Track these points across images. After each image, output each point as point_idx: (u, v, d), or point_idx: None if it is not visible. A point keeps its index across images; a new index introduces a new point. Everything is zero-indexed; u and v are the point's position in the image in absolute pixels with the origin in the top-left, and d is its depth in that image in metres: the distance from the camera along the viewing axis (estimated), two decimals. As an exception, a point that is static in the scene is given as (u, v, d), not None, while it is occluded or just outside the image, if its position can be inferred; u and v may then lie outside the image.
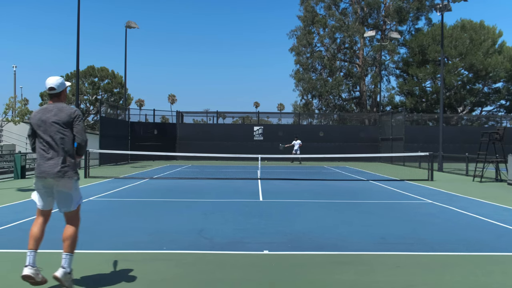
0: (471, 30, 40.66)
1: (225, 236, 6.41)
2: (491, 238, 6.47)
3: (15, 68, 47.31)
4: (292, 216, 8.20)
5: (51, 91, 4.20)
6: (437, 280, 4.47)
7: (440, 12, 21.55)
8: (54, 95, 4.23)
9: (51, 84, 4.17)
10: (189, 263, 5.02)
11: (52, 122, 4.08)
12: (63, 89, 4.26)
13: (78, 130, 4.14)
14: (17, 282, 4.34)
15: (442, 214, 8.67)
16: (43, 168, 4.10)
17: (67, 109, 4.16)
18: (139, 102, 76.50)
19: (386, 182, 15.51)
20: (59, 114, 4.10)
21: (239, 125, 35.54)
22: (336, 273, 4.68)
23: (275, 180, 15.87)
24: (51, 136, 4.09)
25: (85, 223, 7.42)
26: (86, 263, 4.97)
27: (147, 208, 9.11)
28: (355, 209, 9.18)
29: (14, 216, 7.90)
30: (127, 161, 27.86)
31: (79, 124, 4.15)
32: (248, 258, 5.26)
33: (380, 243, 6.09)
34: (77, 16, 22.05)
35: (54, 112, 4.11)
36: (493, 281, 4.48)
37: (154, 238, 6.24)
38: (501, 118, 38.74)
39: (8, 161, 18.58)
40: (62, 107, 4.17)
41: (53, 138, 4.09)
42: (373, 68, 45.20)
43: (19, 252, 5.47)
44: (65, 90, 4.29)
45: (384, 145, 30.66)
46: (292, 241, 6.16)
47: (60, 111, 4.12)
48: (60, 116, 4.10)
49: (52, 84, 4.18)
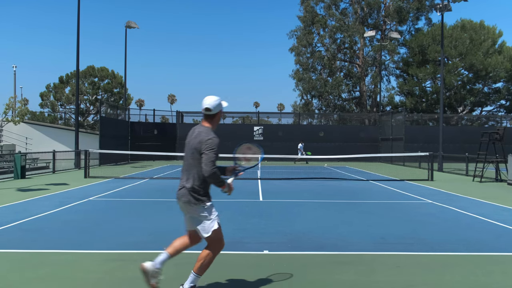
0: (471, 30, 40.66)
1: (225, 236, 6.34)
2: (491, 238, 6.47)
3: (15, 68, 47.32)
4: (292, 216, 8.20)
5: (207, 112, 3.91)
6: (437, 280, 4.47)
7: (440, 12, 21.55)
8: (207, 117, 3.95)
9: (207, 105, 3.88)
10: (189, 263, 5.01)
11: (191, 145, 3.89)
12: (218, 112, 3.94)
13: (203, 159, 3.76)
14: (17, 282, 4.34)
15: (442, 214, 8.67)
16: (177, 191, 4.01)
17: (203, 135, 3.82)
18: (139, 102, 76.48)
19: (386, 182, 15.51)
20: (197, 137, 3.85)
21: (239, 125, 35.54)
22: (336, 273, 4.68)
23: (275, 180, 15.87)
24: (187, 159, 3.93)
25: (85, 223, 7.43)
26: (86, 263, 4.97)
27: (147, 208, 9.10)
28: (355, 209, 9.18)
29: (14, 216, 7.90)
30: (127, 161, 27.86)
31: (206, 154, 3.74)
32: (248, 258, 5.26)
33: (380, 243, 6.09)
34: (77, 16, 22.07)
35: (195, 135, 3.90)
36: (493, 281, 4.48)
37: (154, 238, 6.24)
38: (501, 118, 38.76)
39: (8, 161, 18.57)
40: (202, 131, 3.88)
41: (187, 161, 3.93)
42: (373, 68, 45.21)
43: (19, 252, 5.48)
44: (219, 113, 3.96)
45: (384, 145, 30.65)
46: (292, 241, 6.16)
47: (199, 135, 3.85)
48: (195, 140, 3.86)
49: (209, 105, 3.87)
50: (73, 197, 10.61)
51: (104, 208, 9.03)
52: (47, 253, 5.40)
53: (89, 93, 45.89)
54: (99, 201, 10.11)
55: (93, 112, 46.36)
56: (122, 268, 4.79)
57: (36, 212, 8.34)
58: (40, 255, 5.34)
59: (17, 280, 4.39)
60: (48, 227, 7.07)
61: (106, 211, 8.74)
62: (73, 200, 10.06)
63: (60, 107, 46.82)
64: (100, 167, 22.25)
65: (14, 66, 47.28)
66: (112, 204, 9.62)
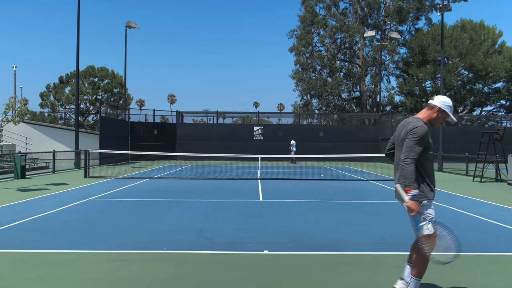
0: (471, 30, 40.65)
1: (225, 236, 6.42)
2: (491, 238, 6.47)
3: (15, 68, 47.33)
4: (292, 216, 8.20)
5: (429, 102, 3.87)
6: (437, 280, 4.47)
7: (440, 12, 21.55)
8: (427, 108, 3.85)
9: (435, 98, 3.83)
10: (189, 263, 5.02)
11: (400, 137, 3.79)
12: (437, 107, 3.75)
13: (404, 146, 3.64)
14: (17, 282, 4.34)
15: (442, 214, 8.66)
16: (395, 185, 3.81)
17: (411, 125, 3.69)
18: (139, 102, 76.54)
19: (386, 182, 15.51)
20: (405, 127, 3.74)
21: (239, 125, 35.54)
22: (336, 273, 4.68)
23: (275, 180, 15.87)
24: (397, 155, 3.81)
25: (85, 223, 7.43)
26: (86, 263, 4.97)
27: (147, 208, 9.10)
28: (355, 209, 9.18)
29: (14, 216, 7.90)
30: (127, 161, 27.85)
31: (407, 139, 3.61)
32: (248, 258, 5.26)
33: (380, 243, 6.09)
34: (77, 16, 22.06)
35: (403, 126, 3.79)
36: (493, 281, 4.48)
37: (154, 238, 6.24)
38: (501, 118, 38.75)
39: (8, 161, 18.57)
40: (410, 121, 3.76)
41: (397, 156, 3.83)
42: (373, 68, 45.20)
43: (19, 252, 5.48)
44: (436, 108, 3.76)
45: (384, 145, 30.63)
46: (292, 241, 6.16)
47: (406, 125, 3.74)
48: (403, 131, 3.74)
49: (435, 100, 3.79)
50: (73, 197, 10.61)
51: (104, 208, 9.03)
52: (47, 253, 5.40)
53: (89, 93, 45.87)
54: (99, 201, 10.11)
55: (93, 112, 46.34)
56: (122, 268, 4.79)
57: (36, 212, 8.34)
58: (40, 255, 5.34)
59: (17, 280, 4.39)
60: (48, 227, 7.06)
61: (106, 211, 8.74)
62: (73, 200, 10.07)
63: (60, 107, 46.79)
64: (100, 167, 22.25)
65: (14, 66, 47.33)
66: (112, 204, 9.62)
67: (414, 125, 3.66)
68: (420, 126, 3.63)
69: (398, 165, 3.78)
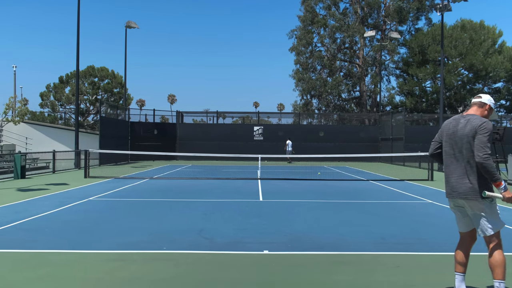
0: (471, 30, 40.66)
1: (225, 236, 6.42)
2: (491, 238, 6.46)
3: (15, 68, 47.35)
4: (292, 216, 8.20)
5: (477, 99, 3.89)
6: (437, 280, 4.47)
7: (440, 12, 21.55)
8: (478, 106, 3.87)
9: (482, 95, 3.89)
10: (189, 263, 5.02)
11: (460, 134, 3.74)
12: (487, 104, 3.83)
13: (477, 142, 3.60)
14: (17, 282, 4.34)
15: (442, 214, 8.67)
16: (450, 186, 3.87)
17: (476, 121, 3.69)
18: (140, 102, 76.52)
19: (386, 182, 15.51)
20: (467, 125, 3.72)
21: (239, 125, 35.56)
22: (336, 273, 4.68)
23: (275, 180, 15.87)
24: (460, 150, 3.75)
25: (85, 223, 7.43)
26: (86, 263, 4.97)
27: (147, 208, 9.11)
28: (355, 209, 9.18)
29: (14, 216, 7.90)
30: (127, 161, 27.86)
31: (480, 135, 3.58)
32: (248, 258, 5.26)
33: (380, 243, 6.09)
34: (77, 16, 22.07)
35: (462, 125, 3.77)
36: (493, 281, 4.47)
37: (154, 238, 6.24)
38: (501, 118, 38.74)
39: (8, 161, 18.57)
40: (471, 118, 3.76)
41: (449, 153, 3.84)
42: (373, 68, 45.21)
43: (19, 252, 5.48)
44: (487, 106, 3.83)
45: (384, 145, 30.65)
46: (292, 241, 6.16)
47: (469, 123, 3.73)
48: (466, 128, 3.72)
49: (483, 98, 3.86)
50: (73, 197, 10.61)
51: (104, 208, 9.03)
52: (47, 253, 5.40)
53: (89, 93, 45.86)
54: (99, 201, 10.11)
55: (93, 112, 46.33)
56: (122, 268, 4.79)
57: (36, 212, 8.34)
58: (40, 255, 5.34)
59: (17, 280, 4.39)
60: (48, 227, 7.06)
61: (106, 211, 8.74)
62: (73, 200, 10.07)
63: (60, 107, 46.79)
64: (100, 167, 22.25)
65: (14, 66, 47.36)
66: (112, 204, 9.62)
67: (480, 121, 3.65)
68: (487, 121, 3.65)
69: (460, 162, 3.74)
